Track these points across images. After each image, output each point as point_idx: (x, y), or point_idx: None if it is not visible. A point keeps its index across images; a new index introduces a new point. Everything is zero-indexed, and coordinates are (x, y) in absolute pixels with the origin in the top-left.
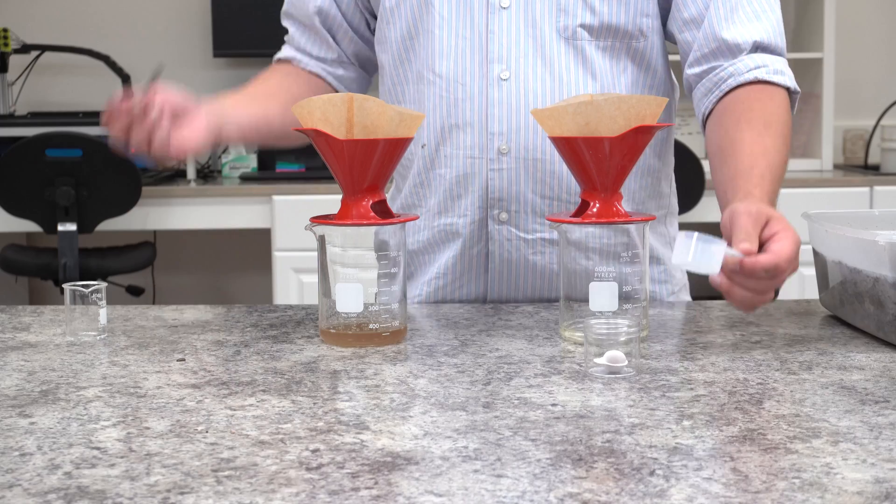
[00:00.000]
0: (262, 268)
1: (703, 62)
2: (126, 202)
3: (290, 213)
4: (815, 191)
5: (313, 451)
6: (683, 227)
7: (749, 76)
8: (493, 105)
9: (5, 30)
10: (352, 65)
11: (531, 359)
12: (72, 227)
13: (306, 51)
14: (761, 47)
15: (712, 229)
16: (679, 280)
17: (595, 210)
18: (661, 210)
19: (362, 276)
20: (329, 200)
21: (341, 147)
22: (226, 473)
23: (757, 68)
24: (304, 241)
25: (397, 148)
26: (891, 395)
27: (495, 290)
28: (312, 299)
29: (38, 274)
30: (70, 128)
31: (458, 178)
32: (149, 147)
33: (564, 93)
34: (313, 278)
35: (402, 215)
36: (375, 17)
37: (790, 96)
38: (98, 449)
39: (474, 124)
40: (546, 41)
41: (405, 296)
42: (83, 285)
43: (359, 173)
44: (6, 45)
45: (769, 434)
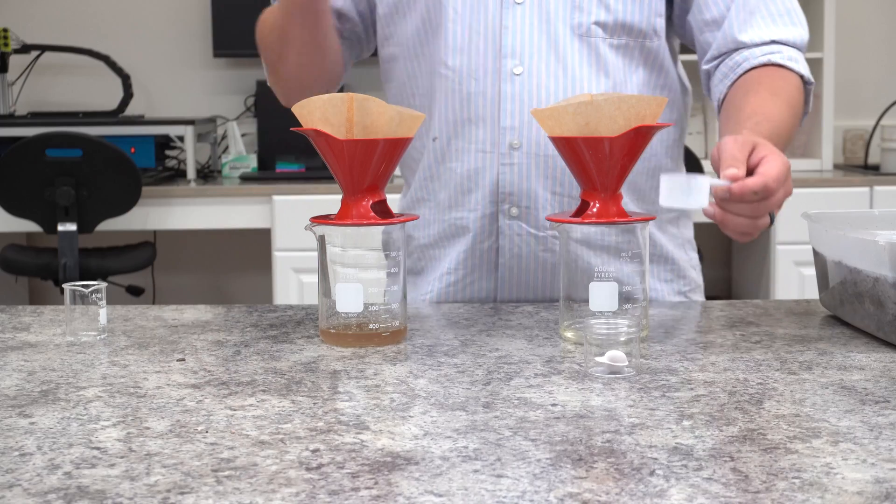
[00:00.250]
0: (262, 268)
1: (719, 58)
2: (126, 202)
3: (290, 213)
4: (815, 191)
5: (313, 451)
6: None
7: (763, 59)
8: (506, 100)
9: (5, 30)
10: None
11: (531, 359)
12: (72, 227)
13: None
14: (778, 43)
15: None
16: (693, 280)
17: (595, 210)
18: (673, 211)
19: (362, 276)
20: (329, 200)
21: (341, 147)
22: (226, 473)
23: (771, 53)
24: (304, 241)
25: (397, 148)
26: (891, 395)
27: (505, 287)
28: (312, 299)
29: (38, 274)
30: (70, 128)
31: (469, 172)
32: None
33: (577, 89)
34: (313, 278)
35: (402, 215)
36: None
37: (805, 87)
38: (98, 449)
39: (486, 119)
40: (560, 37)
41: (405, 296)
42: (83, 285)
43: (359, 173)
44: (6, 45)
45: (769, 434)
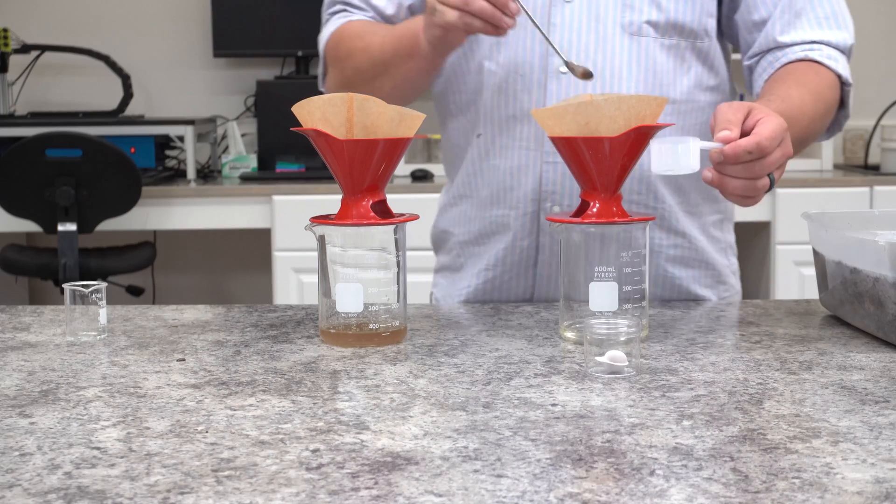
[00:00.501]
0: (262, 268)
1: (759, 55)
2: (126, 202)
3: (290, 213)
4: (815, 191)
5: (313, 451)
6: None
7: (801, 55)
8: (552, 98)
9: (5, 30)
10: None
11: (531, 359)
12: (72, 227)
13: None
14: (819, 43)
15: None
16: (733, 286)
17: (595, 210)
18: (717, 214)
19: (362, 276)
20: (329, 200)
21: (341, 147)
22: (226, 473)
23: (811, 51)
24: (304, 241)
25: (397, 148)
26: (891, 395)
27: (543, 285)
28: (312, 299)
29: (38, 274)
30: (70, 128)
31: (512, 169)
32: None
33: (622, 89)
34: (313, 278)
35: (403, 215)
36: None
37: (842, 88)
38: (98, 449)
39: (531, 116)
40: (609, 36)
41: (405, 296)
42: (83, 285)
43: (359, 173)
44: (6, 45)
45: (769, 434)
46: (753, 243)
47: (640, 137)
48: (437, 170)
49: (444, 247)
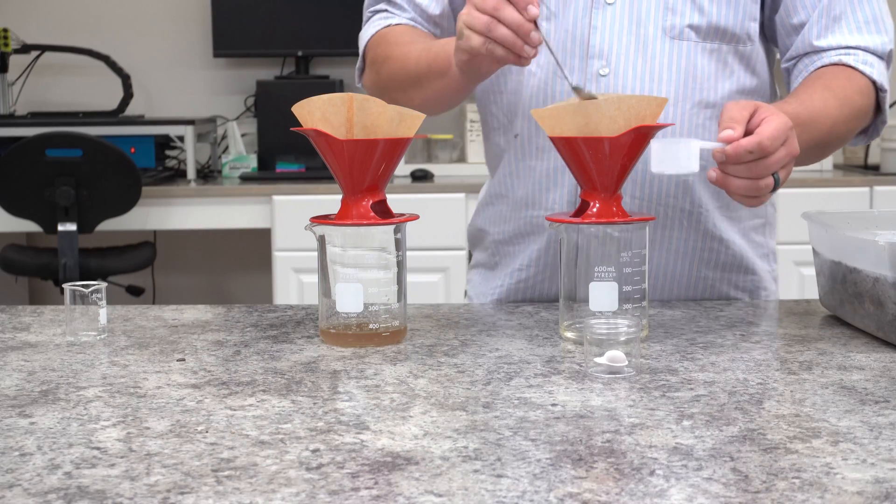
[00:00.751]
0: (262, 268)
1: (796, 58)
2: (126, 202)
3: (290, 213)
4: (815, 191)
5: (313, 451)
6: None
7: (835, 59)
8: None
9: (5, 30)
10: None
11: (531, 359)
12: (72, 227)
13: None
14: (856, 48)
15: None
16: (773, 293)
17: (595, 210)
18: (758, 219)
19: (362, 276)
20: (329, 200)
21: (341, 147)
22: (226, 473)
23: (846, 55)
24: (304, 241)
25: (397, 148)
26: (891, 395)
27: None
28: (312, 299)
29: (38, 274)
30: (70, 128)
31: (549, 170)
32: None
33: (662, 92)
34: (313, 278)
35: (403, 215)
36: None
37: (878, 94)
38: (98, 449)
39: None
40: (650, 40)
41: (405, 296)
42: (83, 285)
43: (359, 173)
44: (6, 45)
45: (769, 434)
46: None
47: (640, 137)
48: (437, 170)
49: (480, 244)
